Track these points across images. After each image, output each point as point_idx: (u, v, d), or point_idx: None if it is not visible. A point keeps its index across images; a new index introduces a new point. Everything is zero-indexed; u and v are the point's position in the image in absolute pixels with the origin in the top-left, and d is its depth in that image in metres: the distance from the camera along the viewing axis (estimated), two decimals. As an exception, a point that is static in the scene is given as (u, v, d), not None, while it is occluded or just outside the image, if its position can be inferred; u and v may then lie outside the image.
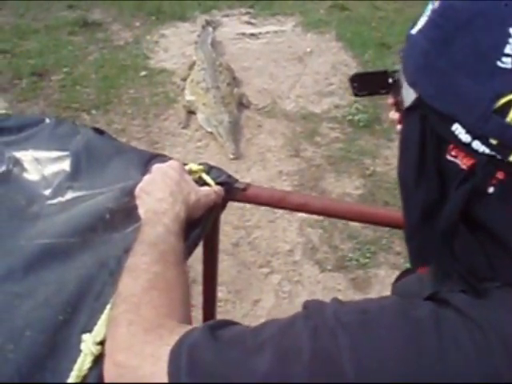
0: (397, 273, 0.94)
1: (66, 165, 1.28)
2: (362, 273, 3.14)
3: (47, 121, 1.38)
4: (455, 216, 0.66)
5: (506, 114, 0.60)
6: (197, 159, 3.88)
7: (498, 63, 0.60)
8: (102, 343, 0.90)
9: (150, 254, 0.95)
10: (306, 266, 3.18)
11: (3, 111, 1.42)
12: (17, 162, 1.28)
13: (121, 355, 0.81)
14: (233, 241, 3.31)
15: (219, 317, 2.82)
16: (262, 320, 0.78)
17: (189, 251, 1.11)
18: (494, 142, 0.61)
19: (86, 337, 0.92)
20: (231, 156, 3.92)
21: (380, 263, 3.18)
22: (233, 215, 3.39)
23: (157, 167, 1.16)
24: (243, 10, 6.03)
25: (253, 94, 4.63)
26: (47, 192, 1.23)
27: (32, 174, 1.27)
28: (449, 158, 0.67)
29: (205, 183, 1.22)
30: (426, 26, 0.69)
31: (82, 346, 0.91)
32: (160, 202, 1.07)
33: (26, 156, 1.30)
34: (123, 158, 1.29)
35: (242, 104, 4.49)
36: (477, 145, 0.63)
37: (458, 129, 0.64)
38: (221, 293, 2.95)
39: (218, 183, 1.23)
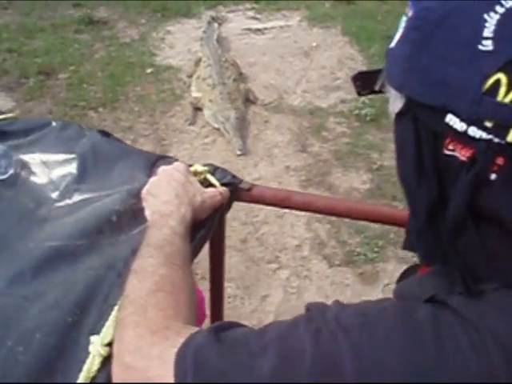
0: (405, 267, 0.95)
1: (72, 167, 1.29)
2: (371, 267, 3.14)
3: (54, 124, 1.40)
4: (463, 210, 0.66)
5: (496, 94, 0.60)
6: (204, 156, 3.89)
7: (480, 47, 0.61)
8: (109, 345, 0.92)
9: (157, 256, 0.97)
10: (314, 261, 3.19)
11: (10, 114, 1.43)
12: (24, 166, 1.30)
13: (128, 357, 0.82)
14: (241, 237, 3.32)
15: (228, 313, 2.84)
16: (271, 315, 0.80)
17: (195, 252, 1.12)
18: (489, 124, 0.61)
19: (94, 338, 0.93)
20: (238, 152, 3.91)
21: (388, 257, 3.18)
22: (241, 211, 3.40)
23: (163, 169, 1.17)
24: (248, 6, 6.02)
25: (259, 90, 4.62)
26: (55, 195, 1.25)
27: (39, 177, 1.28)
28: (447, 152, 0.67)
29: (210, 184, 1.23)
30: (403, 34, 0.71)
31: (91, 348, 0.92)
32: (166, 205, 1.08)
33: (33, 159, 1.31)
34: (129, 160, 1.30)
35: (249, 100, 4.48)
36: (473, 131, 0.63)
37: (451, 119, 0.64)
38: (229, 289, 2.97)
39: (222, 184, 1.24)
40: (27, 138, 1.37)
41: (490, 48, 0.60)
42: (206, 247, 1.27)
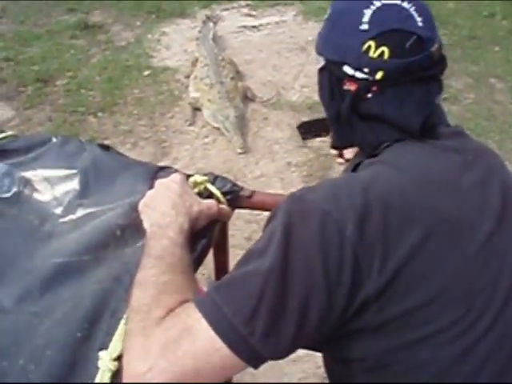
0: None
1: (75, 183, 1.31)
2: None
3: (54, 140, 1.41)
4: (347, 112, 1.10)
5: (368, 52, 1.04)
6: (205, 155, 3.91)
7: (360, 27, 1.05)
8: (118, 358, 0.94)
9: (158, 266, 0.99)
10: (319, 256, 3.19)
11: (10, 133, 1.45)
12: (27, 183, 1.32)
13: (139, 364, 0.85)
14: (245, 235, 3.32)
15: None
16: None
17: (198, 261, 1.14)
18: (366, 70, 1.05)
19: (102, 354, 0.95)
20: (239, 150, 3.91)
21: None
22: (244, 209, 3.40)
23: (159, 182, 1.19)
24: (243, 3, 6.02)
25: (257, 87, 4.63)
26: (59, 210, 1.26)
27: (43, 194, 1.30)
28: (345, 87, 1.10)
29: (211, 193, 1.24)
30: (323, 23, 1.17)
31: (100, 364, 0.94)
32: (163, 216, 1.10)
33: (35, 176, 1.33)
34: (130, 172, 1.32)
35: (247, 97, 4.49)
36: (358, 74, 1.06)
37: (347, 69, 1.07)
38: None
39: (223, 192, 1.26)
40: (28, 155, 1.39)
41: (366, 27, 1.04)
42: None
